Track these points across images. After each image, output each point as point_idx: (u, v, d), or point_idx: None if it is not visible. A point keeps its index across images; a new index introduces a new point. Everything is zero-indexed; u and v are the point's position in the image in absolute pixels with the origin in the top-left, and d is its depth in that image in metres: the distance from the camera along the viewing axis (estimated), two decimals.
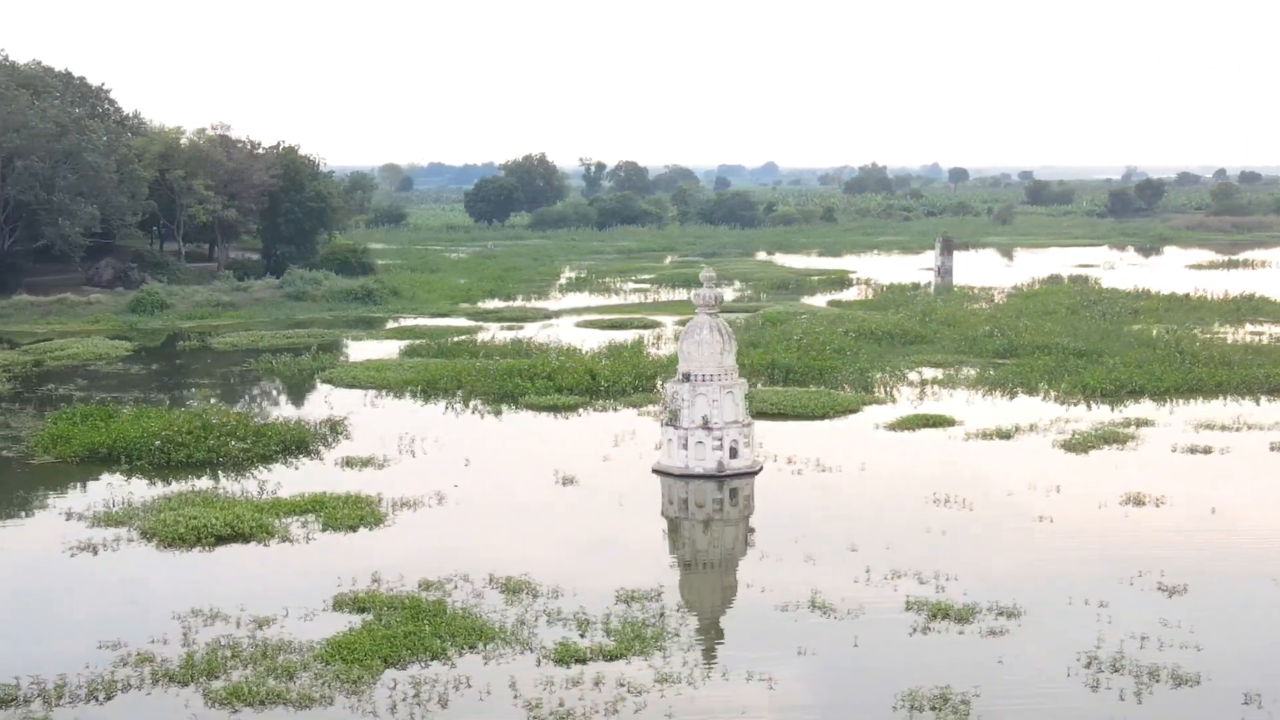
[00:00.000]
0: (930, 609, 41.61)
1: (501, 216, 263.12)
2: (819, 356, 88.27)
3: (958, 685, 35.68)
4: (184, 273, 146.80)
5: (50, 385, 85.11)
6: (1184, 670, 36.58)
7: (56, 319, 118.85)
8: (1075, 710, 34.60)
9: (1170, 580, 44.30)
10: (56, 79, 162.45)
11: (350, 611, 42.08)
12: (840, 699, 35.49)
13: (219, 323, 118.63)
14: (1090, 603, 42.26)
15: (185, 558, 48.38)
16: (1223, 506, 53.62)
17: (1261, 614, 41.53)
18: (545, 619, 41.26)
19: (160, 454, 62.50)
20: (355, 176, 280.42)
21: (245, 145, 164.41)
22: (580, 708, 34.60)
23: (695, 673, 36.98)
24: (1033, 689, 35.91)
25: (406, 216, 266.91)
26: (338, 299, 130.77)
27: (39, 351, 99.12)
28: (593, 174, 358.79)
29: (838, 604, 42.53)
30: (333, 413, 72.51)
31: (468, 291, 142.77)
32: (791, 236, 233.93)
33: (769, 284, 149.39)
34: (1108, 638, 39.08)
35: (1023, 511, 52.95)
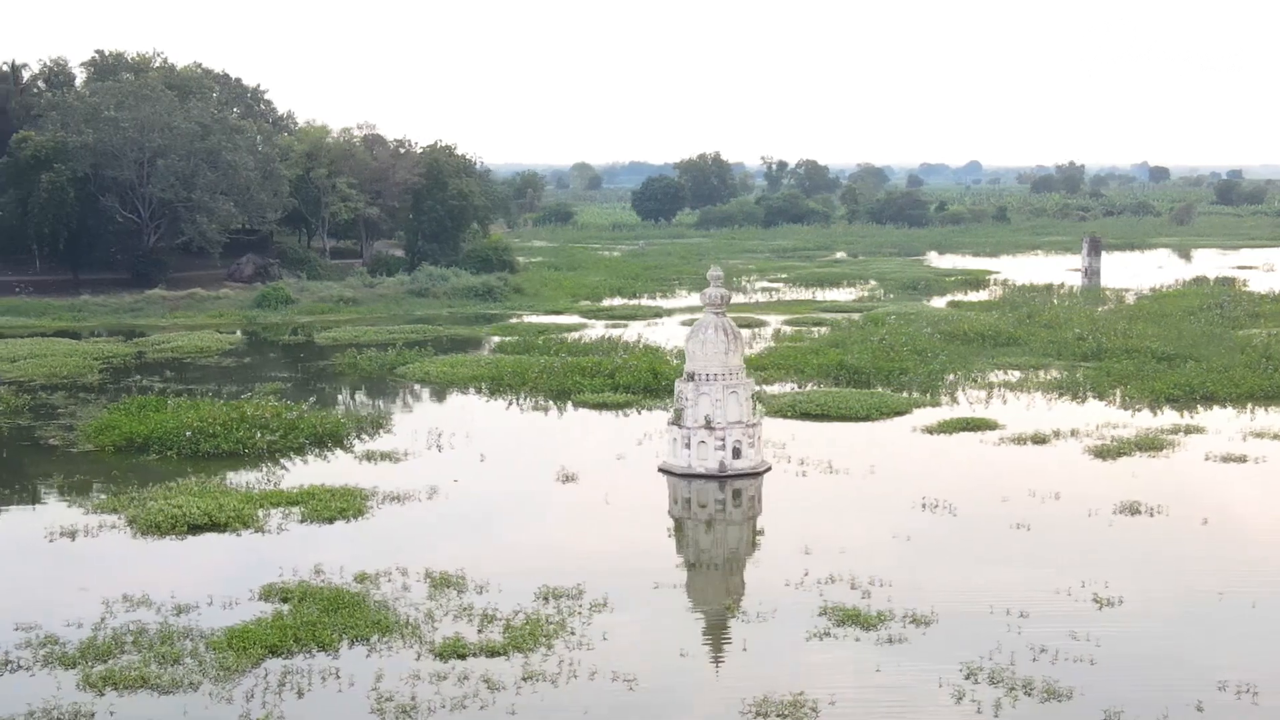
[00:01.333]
0: (842, 615, 40.95)
1: (668, 215, 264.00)
2: (894, 358, 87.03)
3: (817, 692, 35.02)
4: (325, 268, 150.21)
5: (137, 377, 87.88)
6: (1061, 685, 35.55)
7: (184, 313, 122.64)
8: None
9: (1110, 592, 43.03)
10: (213, 80, 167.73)
11: (274, 601, 42.80)
12: (690, 702, 35.10)
13: (338, 318, 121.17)
14: (1011, 612, 41.20)
15: (153, 545, 49.77)
16: (1217, 518, 51.77)
17: (1180, 630, 40.10)
18: (454, 614, 41.47)
19: (190, 444, 64.19)
20: (527, 176, 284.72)
21: (392, 144, 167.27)
22: (428, 702, 34.79)
23: (565, 671, 36.94)
24: (893, 698, 35.23)
25: (574, 215, 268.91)
26: (460, 295, 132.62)
27: (146, 344, 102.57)
28: (774, 172, 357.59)
29: (753, 607, 42.09)
30: (378, 407, 73.49)
31: (594, 289, 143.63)
32: (956, 236, 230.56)
33: (900, 284, 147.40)
34: (1006, 648, 38.04)
35: (1005, 519, 51.79)
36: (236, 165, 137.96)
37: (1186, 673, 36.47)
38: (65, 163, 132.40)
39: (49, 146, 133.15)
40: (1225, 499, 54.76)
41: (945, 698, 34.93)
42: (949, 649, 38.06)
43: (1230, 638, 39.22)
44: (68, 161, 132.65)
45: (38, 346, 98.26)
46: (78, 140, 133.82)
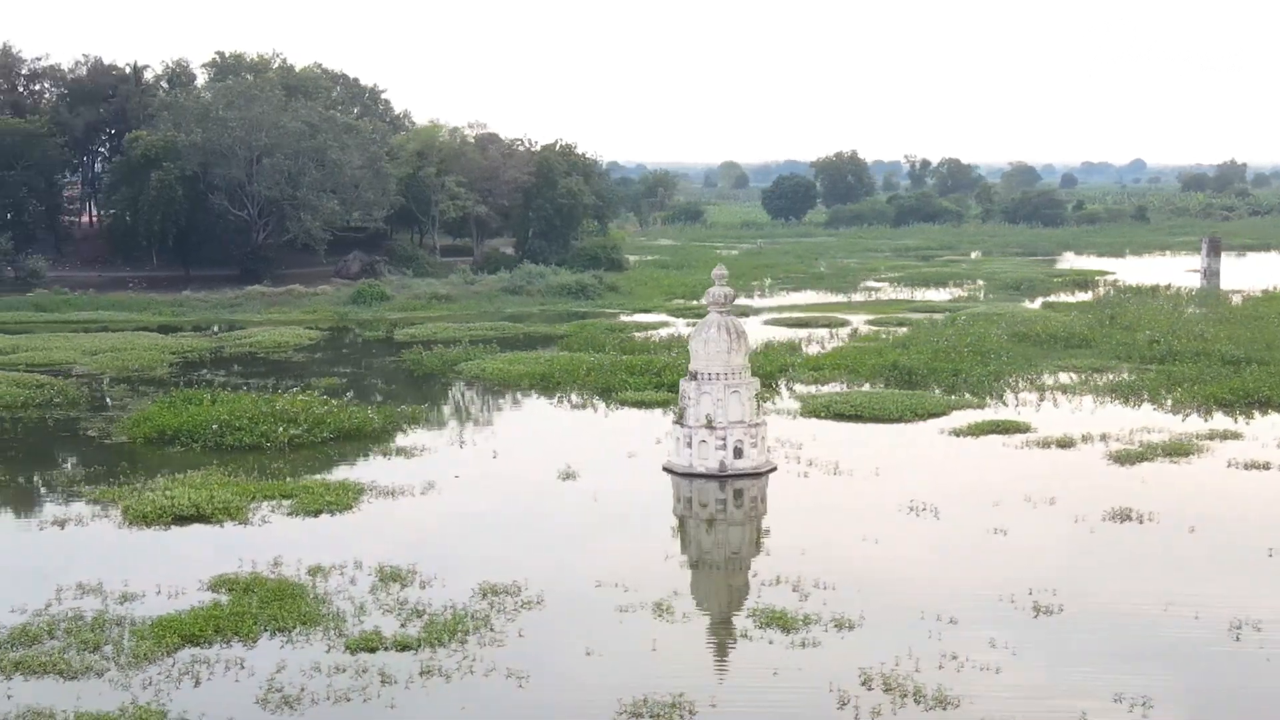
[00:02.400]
0: (768, 617, 40.65)
1: (799, 213, 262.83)
2: (953, 359, 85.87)
3: (696, 694, 34.82)
4: (432, 266, 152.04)
5: (204, 371, 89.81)
6: (952, 693, 34.95)
7: (280, 309, 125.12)
8: None
9: (1056, 601, 42.05)
10: (331, 80, 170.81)
11: (220, 592, 43.54)
12: (570, 701, 35.08)
13: (429, 314, 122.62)
14: (941, 618, 40.51)
15: (134, 535, 50.95)
16: (1206, 526, 50.34)
17: (1104, 640, 39.10)
18: (386, 609, 41.88)
19: (215, 437, 65.51)
20: (658, 174, 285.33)
21: (512, 143, 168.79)
22: (314, 695, 35.23)
23: (463, 668, 37.18)
24: (775, 702, 34.96)
25: (704, 214, 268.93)
26: (554, 293, 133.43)
27: (227, 339, 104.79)
28: (917, 171, 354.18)
29: (686, 607, 41.93)
30: (418, 403, 74.34)
31: (693, 287, 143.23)
32: (1088, 236, 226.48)
33: (1005, 285, 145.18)
34: (917, 655, 37.42)
35: (986, 523, 50.92)
36: (341, 164, 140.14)
37: (1089, 683, 35.50)
38: (174, 161, 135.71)
39: (159, 145, 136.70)
40: (1223, 507, 53.16)
41: (829, 703, 34.42)
42: (859, 654, 37.56)
43: (1156, 650, 38.12)
44: (177, 160, 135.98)
45: (121, 340, 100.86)
46: (187, 139, 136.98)
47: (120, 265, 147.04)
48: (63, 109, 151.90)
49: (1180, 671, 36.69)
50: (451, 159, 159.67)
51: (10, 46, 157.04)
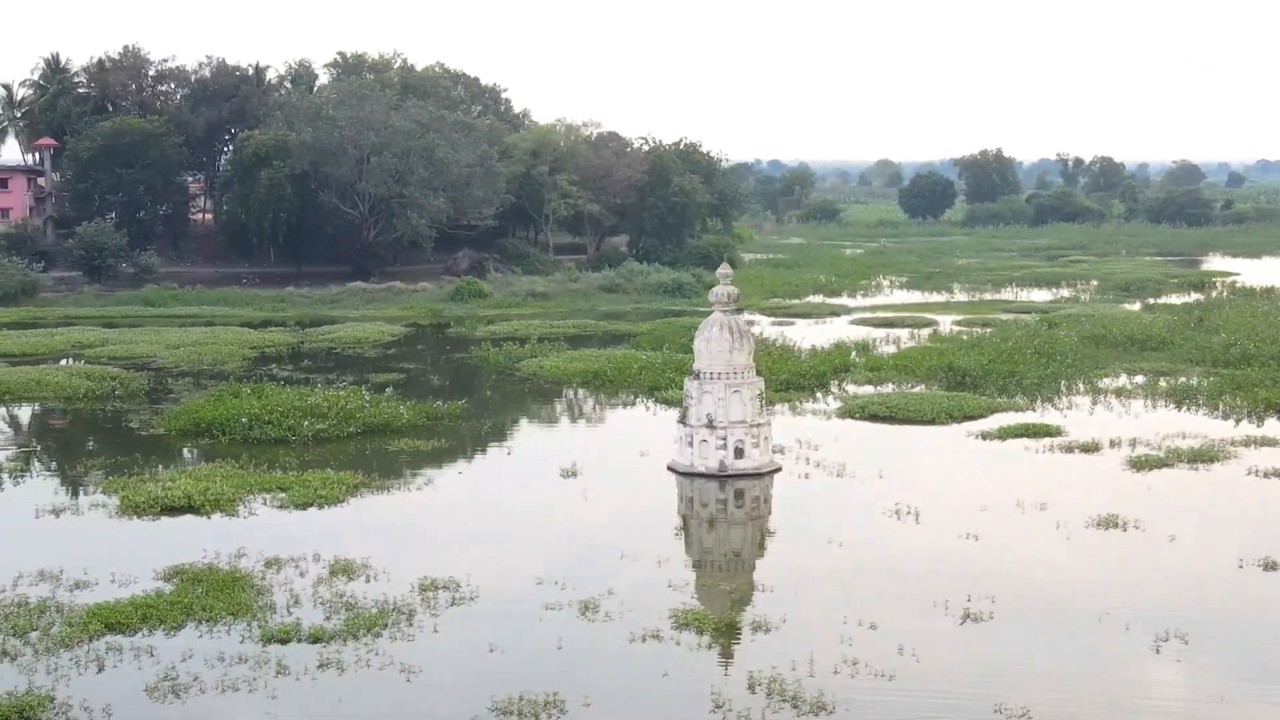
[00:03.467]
0: (686, 618, 40.46)
1: (936, 212, 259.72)
2: (1013, 361, 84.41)
3: (576, 692, 34.84)
4: (543, 263, 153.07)
5: (273, 365, 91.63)
6: (831, 699, 34.47)
7: (378, 305, 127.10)
8: None
9: (989, 608, 41.25)
10: (451, 80, 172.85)
11: (169, 581, 44.47)
12: (451, 697, 35.26)
13: (522, 312, 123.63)
14: (863, 624, 40.02)
15: (120, 525, 52.28)
16: (1187, 536, 48.94)
17: (1019, 650, 38.44)
18: (320, 601, 42.49)
19: (244, 430, 66.77)
20: (796, 173, 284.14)
21: (635, 141, 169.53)
22: (204, 684, 35.88)
23: (361, 661, 37.57)
24: (651, 703, 34.78)
25: (840, 212, 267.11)
26: (650, 292, 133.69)
27: (312, 334, 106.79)
28: (1069, 169, 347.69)
29: (615, 606, 41.89)
30: (460, 399, 74.98)
31: (797, 286, 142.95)
32: (1230, 236, 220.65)
33: (1116, 285, 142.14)
34: (819, 660, 37.04)
35: (962, 528, 50.10)
36: (449, 162, 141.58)
37: (975, 693, 34.79)
38: (284, 160, 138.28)
39: (269, 145, 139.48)
40: (1217, 516, 51.67)
41: (704, 705, 34.15)
42: (759, 657, 37.26)
43: (1067, 662, 37.38)
44: (287, 159, 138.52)
45: (209, 335, 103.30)
46: (297, 139, 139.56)
47: (239, 262, 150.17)
48: (185, 109, 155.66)
49: (1080, 685, 35.67)
50: (565, 157, 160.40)
51: (139, 48, 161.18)
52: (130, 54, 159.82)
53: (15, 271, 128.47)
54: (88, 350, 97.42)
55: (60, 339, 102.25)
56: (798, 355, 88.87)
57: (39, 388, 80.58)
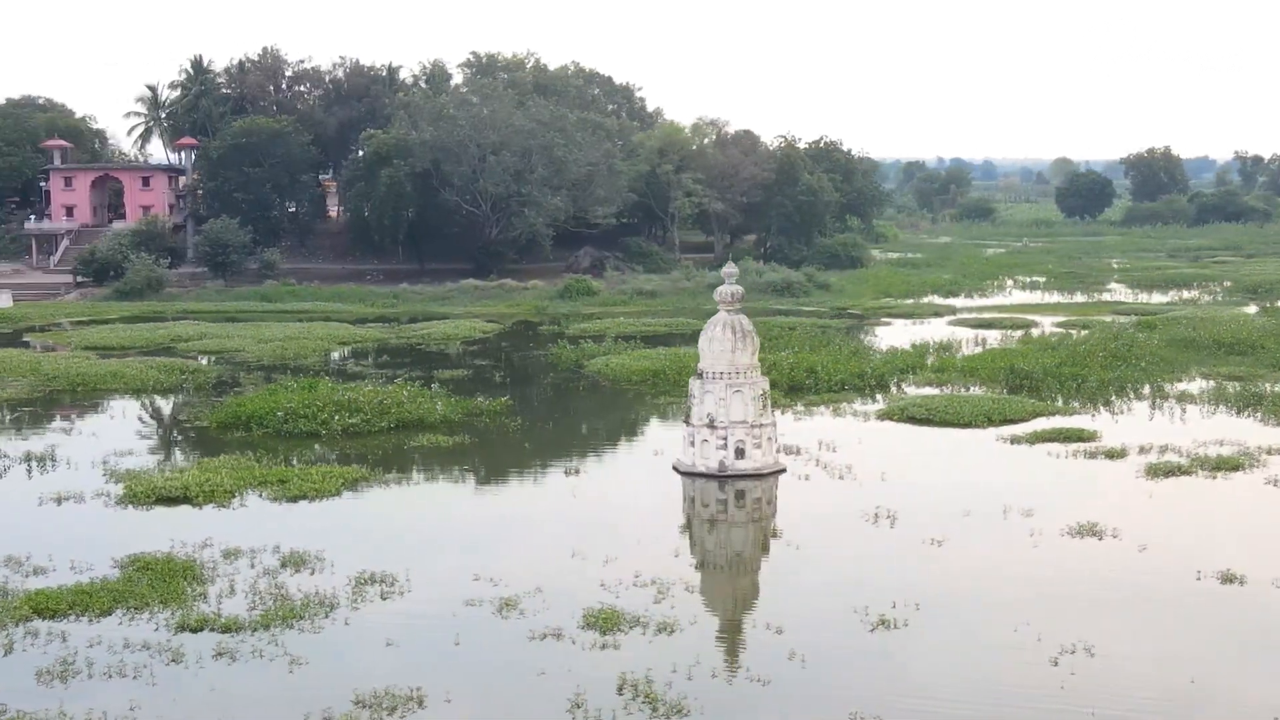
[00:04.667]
0: (595, 618, 40.46)
1: (1093, 211, 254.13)
2: (1080, 364, 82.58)
3: (436, 688, 35.14)
4: (665, 262, 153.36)
5: (350, 361, 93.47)
6: (691, 703, 34.34)
7: (487, 302, 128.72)
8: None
9: (912, 616, 40.63)
10: (582, 78, 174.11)
11: (125, 569, 45.61)
12: (319, 691, 35.68)
13: (627, 310, 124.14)
14: (770, 628, 39.69)
15: (111, 513, 53.64)
16: (1159, 546, 47.65)
17: (901, 660, 37.67)
18: (256, 592, 43.26)
19: (279, 424, 68.19)
20: (952, 171, 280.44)
21: (747, 140, 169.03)
22: (91, 669, 36.82)
23: (255, 650, 38.21)
24: (509, 700, 34.87)
25: (994, 211, 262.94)
26: (758, 291, 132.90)
27: (406, 330, 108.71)
28: (1248, 168, 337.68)
29: (529, 606, 41.94)
30: (504, 396, 75.75)
31: (914, 287, 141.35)
32: None
33: (1246, 288, 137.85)
34: (702, 663, 36.86)
35: (931, 533, 49.22)
36: (567, 161, 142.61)
37: (839, 700, 34.24)
38: (405, 159, 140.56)
39: (390, 144, 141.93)
40: (1206, 525, 50.09)
41: (562, 704, 34.16)
42: (648, 658, 37.11)
43: (944, 674, 36.76)
44: (407, 158, 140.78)
45: (302, 330, 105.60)
46: (418, 138, 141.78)
47: (369, 258, 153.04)
48: (319, 109, 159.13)
49: (954, 696, 34.93)
50: (691, 156, 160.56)
51: (277, 50, 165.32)
52: (269, 55, 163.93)
53: (142, 267, 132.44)
54: (184, 344, 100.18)
55: (163, 333, 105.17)
56: (870, 356, 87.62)
57: (113, 380, 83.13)
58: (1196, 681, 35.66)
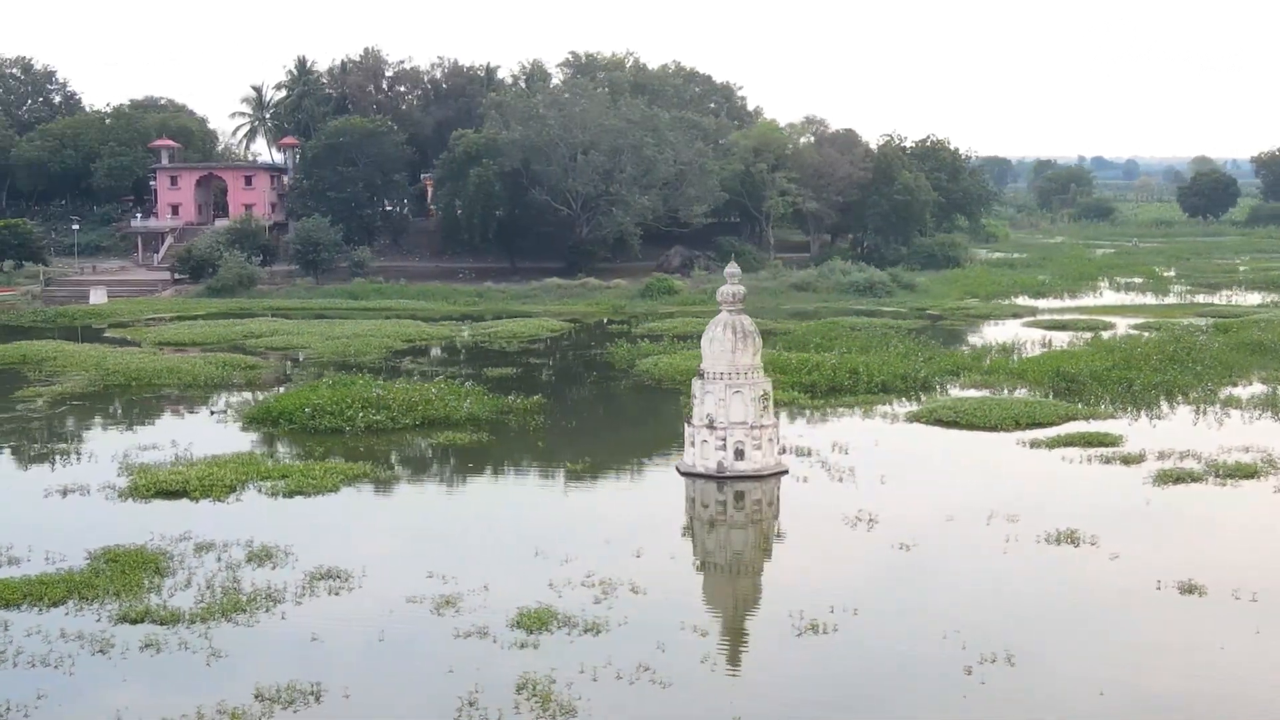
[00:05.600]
0: (525, 617, 40.54)
1: (1217, 211, 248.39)
2: (1132, 367, 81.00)
3: (334, 681, 35.49)
4: (758, 261, 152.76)
5: (407, 358, 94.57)
6: (582, 703, 34.33)
7: (569, 301, 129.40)
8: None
9: (843, 621, 40.22)
10: (682, 77, 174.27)
11: (92, 560, 46.52)
12: (225, 685, 36.15)
13: (703, 309, 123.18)
14: (698, 630, 39.54)
15: (108, 506, 54.63)
16: (1133, 554, 46.63)
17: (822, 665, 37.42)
18: (211, 586, 43.88)
19: (307, 419, 69.16)
20: (1073, 170, 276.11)
21: (844, 139, 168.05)
22: (17, 659, 37.66)
23: (181, 642, 38.80)
24: (399, 695, 35.09)
25: (1114, 211, 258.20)
26: (840, 291, 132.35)
27: (476, 328, 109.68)
28: None
29: (467, 605, 42.11)
30: (547, 395, 76.20)
31: (1006, 287, 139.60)
32: None
33: None
34: (613, 663, 36.79)
35: (902, 538, 48.59)
36: (657, 161, 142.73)
37: (725, 704, 34.01)
38: (494, 158, 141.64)
39: (479, 143, 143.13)
40: (1190, 534, 49.02)
41: (455, 703, 34.32)
42: (556, 659, 37.07)
43: (856, 682, 36.47)
44: (497, 157, 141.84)
45: (369, 327, 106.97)
46: (507, 137, 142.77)
47: (464, 256, 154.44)
48: (417, 109, 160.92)
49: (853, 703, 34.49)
50: (787, 155, 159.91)
51: (378, 50, 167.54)
52: (370, 56, 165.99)
53: (234, 264, 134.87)
54: (252, 340, 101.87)
55: (239, 329, 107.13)
56: (920, 358, 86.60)
57: (169, 375, 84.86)
58: (1106, 694, 34.58)
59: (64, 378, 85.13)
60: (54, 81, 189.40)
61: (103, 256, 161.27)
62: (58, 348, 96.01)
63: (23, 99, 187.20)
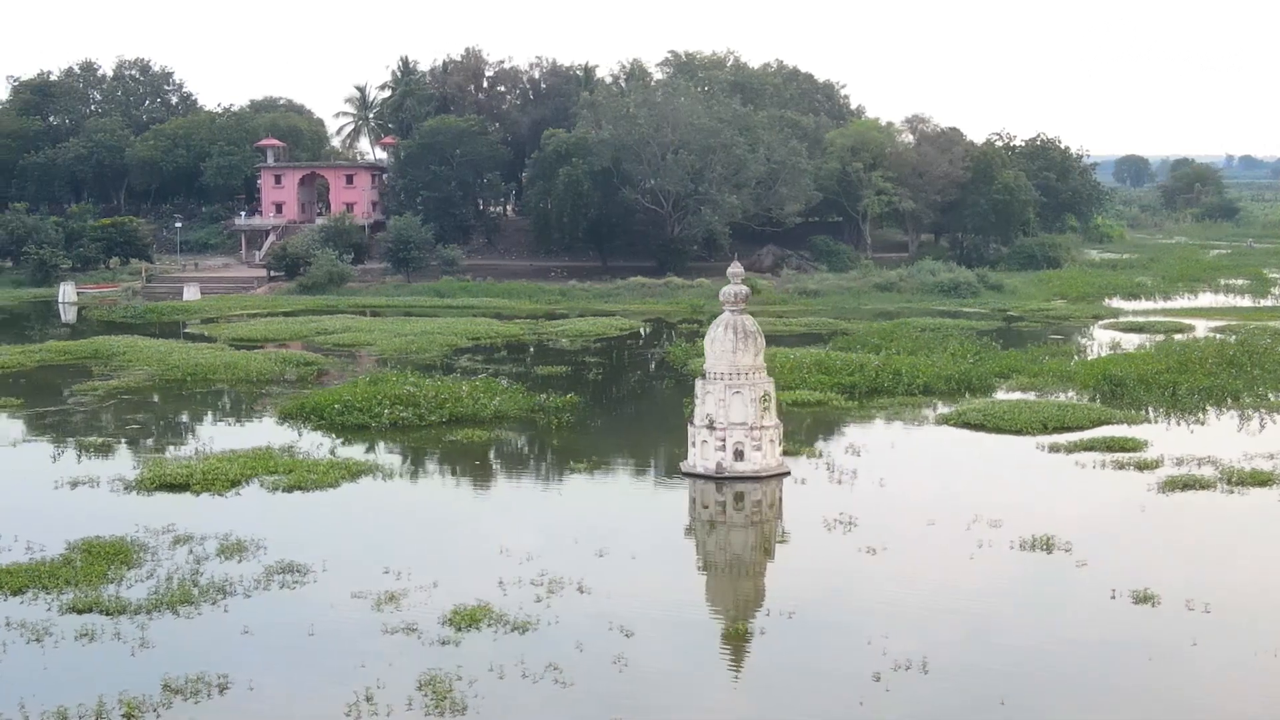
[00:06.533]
0: (458, 614, 40.72)
1: None
2: (1185, 371, 79.23)
3: (244, 674, 35.98)
4: (852, 261, 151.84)
5: (465, 356, 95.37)
6: (477, 701, 34.44)
7: (650, 300, 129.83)
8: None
9: (773, 625, 40.01)
10: (784, 78, 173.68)
11: (69, 550, 47.55)
12: (138, 675, 36.77)
13: (783, 309, 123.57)
14: (623, 631, 39.45)
15: (109, 498, 55.68)
16: (1103, 561, 45.75)
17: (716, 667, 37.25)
18: (175, 576, 44.62)
19: (337, 415, 70.10)
20: (1198, 169, 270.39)
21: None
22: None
23: (118, 634, 39.48)
24: (309, 690, 35.45)
25: (1239, 211, 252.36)
26: (925, 292, 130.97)
27: (544, 326, 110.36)
28: None
29: (408, 601, 42.33)
30: (584, 394, 76.51)
31: (1101, 289, 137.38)
32: None
33: None
34: (522, 663, 36.92)
35: (871, 543, 48.04)
36: (746, 160, 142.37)
37: (616, 704, 33.94)
38: (584, 157, 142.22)
39: (569, 142, 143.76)
40: (1170, 541, 47.89)
41: (349, 697, 34.60)
42: (469, 657, 37.26)
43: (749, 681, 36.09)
44: (587, 156, 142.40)
45: (440, 325, 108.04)
46: (597, 136, 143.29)
47: (561, 255, 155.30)
48: (515, 109, 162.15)
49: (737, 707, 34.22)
50: (885, 154, 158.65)
51: (479, 50, 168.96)
52: (471, 56, 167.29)
53: (325, 262, 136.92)
54: (322, 336, 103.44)
55: (312, 326, 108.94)
56: (969, 360, 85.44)
57: (225, 370, 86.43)
58: (1007, 703, 33.88)
59: (126, 372, 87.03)
60: (171, 82, 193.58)
61: (210, 254, 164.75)
62: (130, 343, 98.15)
63: (140, 100, 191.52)
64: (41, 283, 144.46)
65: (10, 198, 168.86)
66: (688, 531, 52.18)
